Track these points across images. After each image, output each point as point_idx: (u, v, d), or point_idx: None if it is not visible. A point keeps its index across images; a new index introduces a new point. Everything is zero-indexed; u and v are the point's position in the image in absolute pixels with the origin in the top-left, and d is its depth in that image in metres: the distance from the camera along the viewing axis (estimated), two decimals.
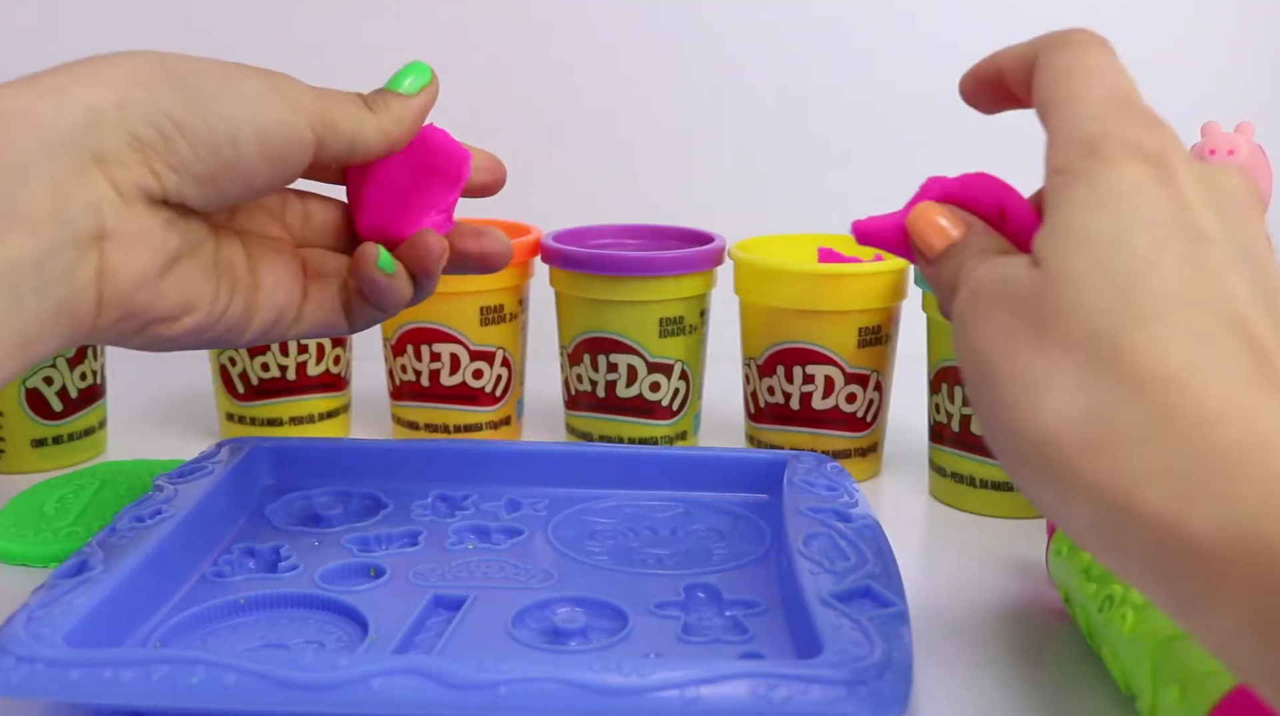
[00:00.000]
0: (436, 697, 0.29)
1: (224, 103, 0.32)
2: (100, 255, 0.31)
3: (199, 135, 0.32)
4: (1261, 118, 0.45)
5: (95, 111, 0.30)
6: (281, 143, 0.34)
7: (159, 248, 0.32)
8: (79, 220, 0.30)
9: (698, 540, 0.43)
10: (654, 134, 0.74)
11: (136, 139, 0.31)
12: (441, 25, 0.72)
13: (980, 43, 0.77)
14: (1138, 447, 0.23)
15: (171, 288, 0.33)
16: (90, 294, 0.31)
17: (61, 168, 0.30)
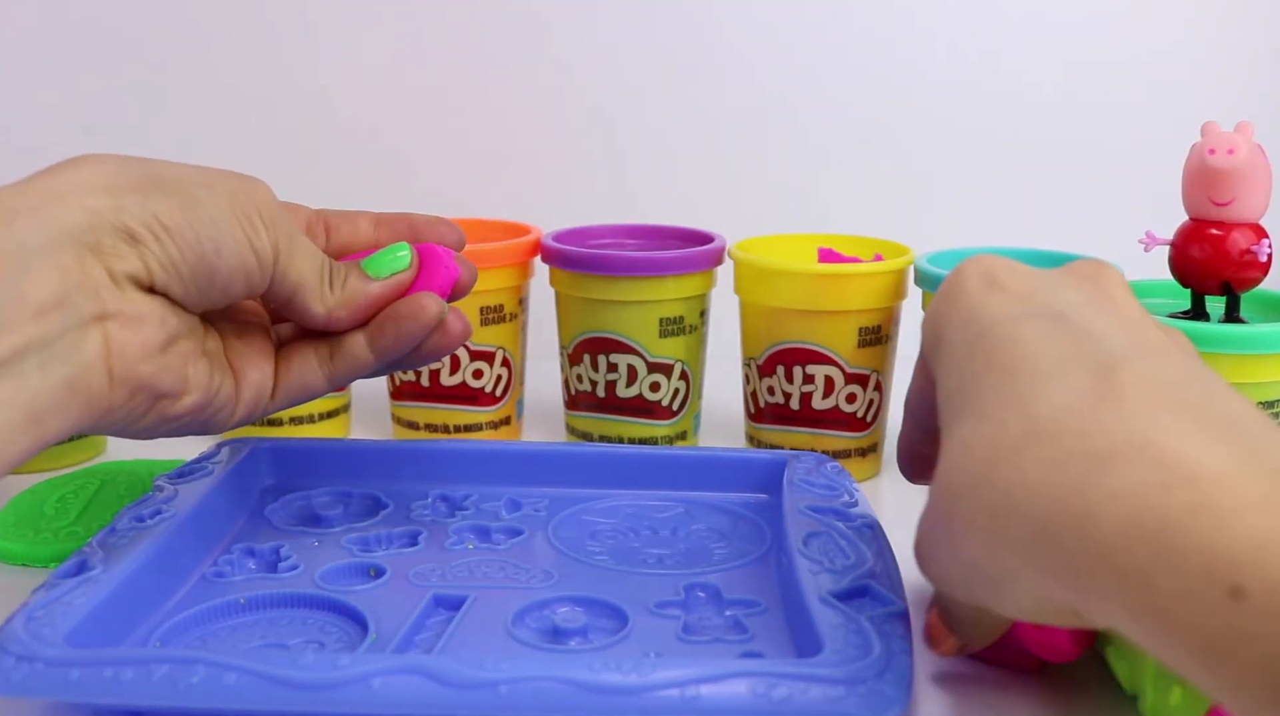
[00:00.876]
0: (436, 697, 0.29)
1: (208, 213, 0.34)
2: (104, 333, 0.33)
3: (186, 239, 0.34)
4: (1261, 118, 0.45)
5: (94, 213, 0.32)
6: (252, 262, 0.36)
7: (159, 326, 0.34)
8: (81, 304, 0.32)
9: (698, 540, 0.43)
10: (654, 134, 0.74)
11: (131, 235, 0.33)
12: (442, 25, 0.73)
13: (980, 43, 0.77)
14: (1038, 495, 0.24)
15: (174, 364, 0.35)
16: (100, 370, 0.32)
17: (63, 258, 0.32)
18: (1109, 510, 0.22)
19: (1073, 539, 0.22)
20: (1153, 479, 0.21)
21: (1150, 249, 0.45)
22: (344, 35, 0.73)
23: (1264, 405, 0.43)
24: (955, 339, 0.30)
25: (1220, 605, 0.19)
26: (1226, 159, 0.42)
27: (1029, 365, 0.26)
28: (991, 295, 0.30)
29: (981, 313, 0.29)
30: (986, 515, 0.25)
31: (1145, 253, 0.45)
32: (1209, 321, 0.44)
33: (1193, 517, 0.20)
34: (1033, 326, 0.28)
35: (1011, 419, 0.25)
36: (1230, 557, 0.19)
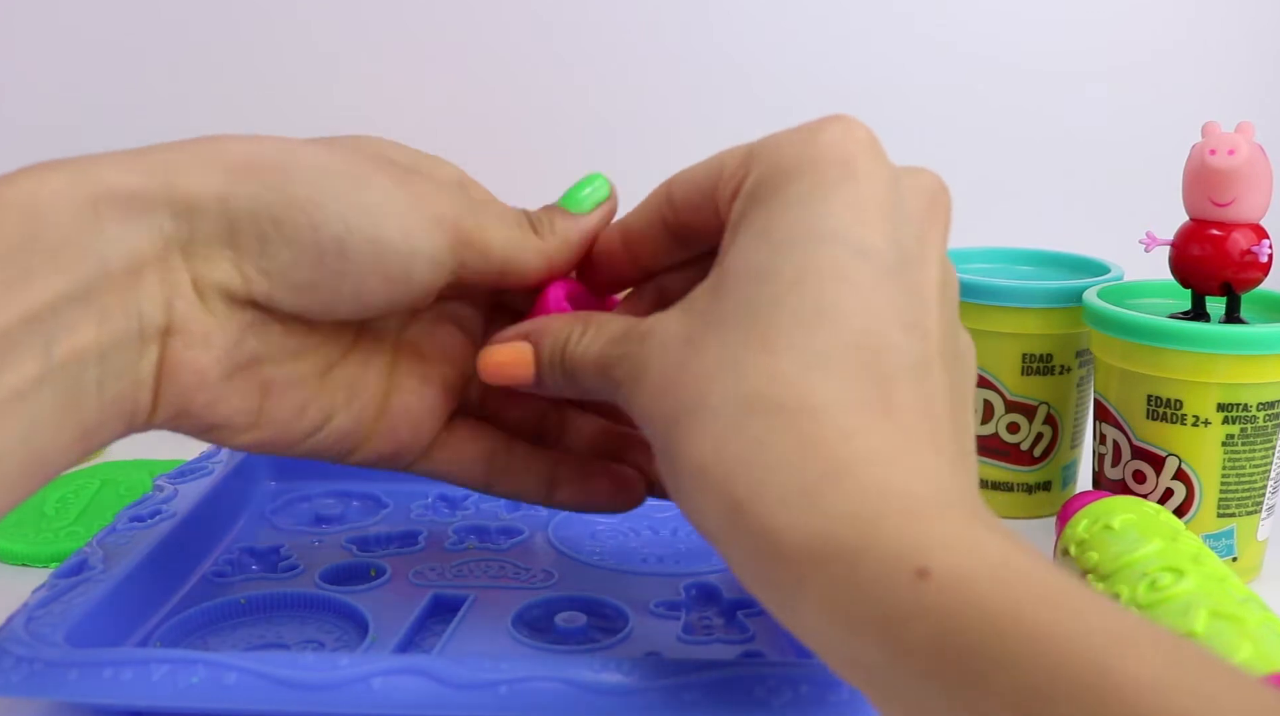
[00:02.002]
0: (436, 697, 0.29)
1: (339, 206, 0.28)
2: (161, 350, 0.28)
3: (301, 239, 0.28)
4: (1261, 118, 0.45)
5: (194, 202, 0.27)
6: (404, 260, 0.29)
7: (228, 351, 0.29)
8: (148, 312, 0.27)
9: (698, 540, 0.43)
10: (654, 134, 0.75)
11: (231, 234, 0.28)
12: (442, 24, 0.73)
13: (980, 43, 0.77)
14: (741, 471, 0.25)
15: (237, 395, 0.29)
16: (147, 390, 0.28)
17: (143, 254, 0.27)
18: (832, 506, 0.23)
19: (787, 515, 0.24)
20: (879, 485, 0.23)
21: (1150, 249, 0.45)
22: (343, 35, 0.73)
23: (1264, 405, 0.43)
24: (781, 219, 0.26)
25: (908, 583, 0.22)
26: (1227, 159, 0.42)
27: (831, 329, 0.25)
28: (841, 192, 0.26)
29: (821, 209, 0.26)
30: (708, 454, 0.25)
31: (1146, 253, 0.45)
32: (1209, 322, 0.44)
33: (899, 515, 0.23)
34: (860, 271, 0.26)
35: (789, 377, 0.25)
36: (922, 546, 0.22)
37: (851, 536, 0.23)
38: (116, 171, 0.27)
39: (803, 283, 0.26)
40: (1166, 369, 0.43)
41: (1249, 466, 0.43)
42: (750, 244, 0.27)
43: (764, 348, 0.25)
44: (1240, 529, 0.44)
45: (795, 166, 0.27)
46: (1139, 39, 0.74)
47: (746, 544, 0.24)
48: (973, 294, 0.49)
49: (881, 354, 0.25)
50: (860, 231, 0.26)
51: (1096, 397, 0.47)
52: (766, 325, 0.25)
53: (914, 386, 0.26)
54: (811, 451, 0.24)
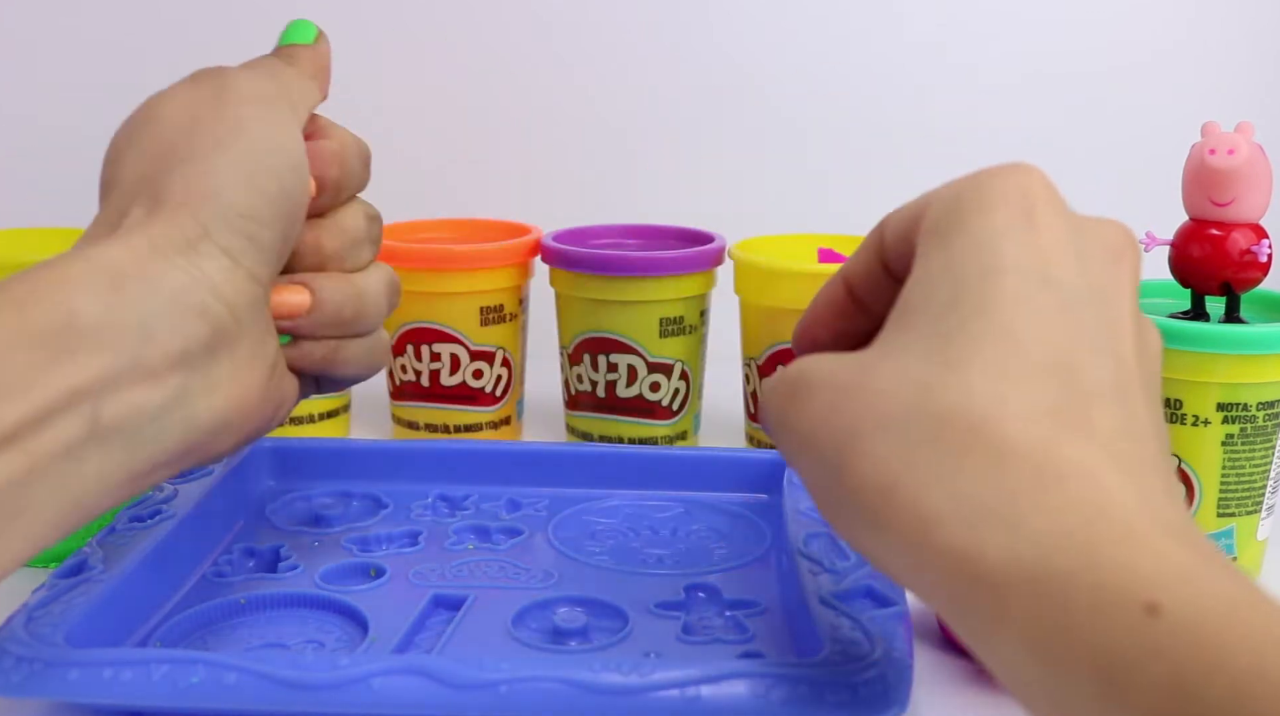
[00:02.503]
0: (436, 697, 0.29)
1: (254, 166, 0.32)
2: (223, 397, 0.30)
3: (260, 211, 0.31)
4: (1261, 118, 0.45)
5: (193, 249, 0.30)
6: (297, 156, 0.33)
7: (263, 374, 0.31)
8: (201, 368, 0.29)
9: (698, 540, 0.43)
10: (654, 134, 0.75)
11: (229, 250, 0.30)
12: (442, 24, 0.73)
13: (980, 44, 0.77)
14: (934, 485, 0.23)
15: (266, 405, 0.32)
16: (208, 433, 0.30)
17: (183, 316, 0.29)
18: (1040, 520, 0.22)
19: (985, 534, 0.22)
20: (1092, 505, 0.22)
21: (1150, 249, 0.45)
22: (343, 35, 0.73)
23: (1264, 405, 0.43)
24: (965, 255, 0.26)
25: (1136, 619, 0.20)
26: (1226, 159, 0.42)
27: (1021, 349, 0.24)
28: (1022, 233, 0.26)
29: (1002, 246, 0.26)
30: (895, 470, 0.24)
31: (1145, 252, 0.45)
32: (1209, 321, 0.44)
33: (1120, 543, 0.21)
34: (1045, 300, 0.25)
35: (979, 391, 0.24)
36: (1152, 578, 0.20)
37: (1064, 560, 0.21)
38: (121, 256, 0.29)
39: (988, 310, 0.25)
40: (1166, 368, 0.43)
41: (1249, 466, 0.43)
42: (933, 277, 0.27)
43: (952, 366, 0.24)
44: (1240, 528, 0.44)
45: (976, 206, 0.27)
46: (1138, 39, 0.74)
47: (940, 565, 0.23)
48: None
49: (1076, 374, 0.24)
50: (1043, 264, 0.26)
51: None
52: (955, 347, 0.25)
53: (1114, 408, 0.24)
54: (1013, 464, 0.23)
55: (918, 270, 0.27)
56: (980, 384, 0.24)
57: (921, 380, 0.24)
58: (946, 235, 0.27)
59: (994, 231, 0.26)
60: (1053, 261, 0.26)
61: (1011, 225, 0.26)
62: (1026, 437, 0.23)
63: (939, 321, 0.25)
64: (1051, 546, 0.21)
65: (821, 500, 0.26)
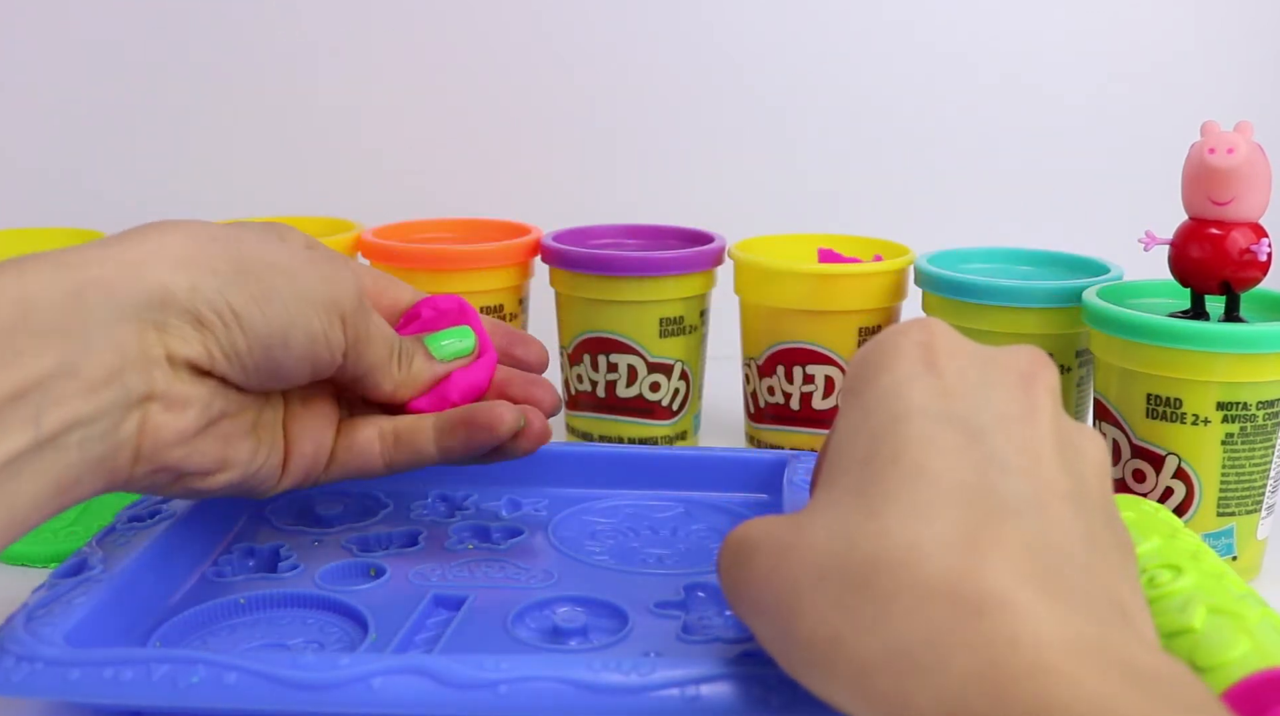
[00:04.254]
0: (436, 697, 0.29)
1: (284, 303, 0.33)
2: (144, 414, 0.32)
3: (255, 330, 0.33)
4: (1261, 118, 0.45)
5: (167, 291, 0.31)
6: (323, 351, 0.35)
7: (202, 411, 0.33)
8: (132, 384, 0.31)
9: (698, 540, 0.43)
10: (655, 134, 0.75)
11: (199, 320, 0.32)
12: (442, 24, 0.73)
13: (979, 44, 0.77)
14: (869, 633, 0.24)
15: (209, 447, 0.34)
16: (129, 449, 0.31)
17: (125, 334, 0.31)
18: (960, 659, 0.22)
19: (912, 682, 0.23)
20: (1004, 635, 0.22)
21: (1150, 248, 0.45)
22: (343, 36, 0.73)
23: (1263, 404, 0.43)
24: (872, 407, 0.29)
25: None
26: (1226, 158, 0.42)
27: (930, 484, 0.26)
28: (924, 379, 0.29)
29: (907, 394, 0.28)
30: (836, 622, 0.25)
31: (1145, 252, 0.45)
32: (1209, 321, 0.44)
33: (1032, 677, 0.21)
34: (949, 435, 0.27)
35: (895, 532, 0.25)
36: (1063, 713, 0.20)
37: (982, 702, 0.21)
38: (96, 266, 0.30)
39: (899, 454, 0.27)
40: (1166, 368, 0.43)
41: (1248, 465, 0.43)
42: (847, 436, 0.29)
43: (873, 513, 0.26)
44: (1240, 528, 0.44)
45: (880, 363, 0.30)
46: (1138, 39, 0.74)
47: (880, 713, 0.23)
48: (972, 294, 0.49)
49: (986, 496, 0.25)
50: (944, 404, 0.28)
51: (1096, 397, 0.47)
52: (872, 494, 0.26)
53: (1030, 521, 0.25)
54: (933, 603, 0.23)
55: (839, 425, 0.30)
56: (896, 526, 0.25)
57: (847, 531, 0.26)
58: (859, 392, 0.30)
59: (898, 382, 0.29)
60: (955, 399, 0.28)
61: (913, 374, 0.29)
62: (942, 571, 0.24)
63: (860, 472, 0.27)
64: (969, 690, 0.22)
65: (775, 653, 0.27)
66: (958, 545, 0.24)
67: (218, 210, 0.65)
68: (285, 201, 0.70)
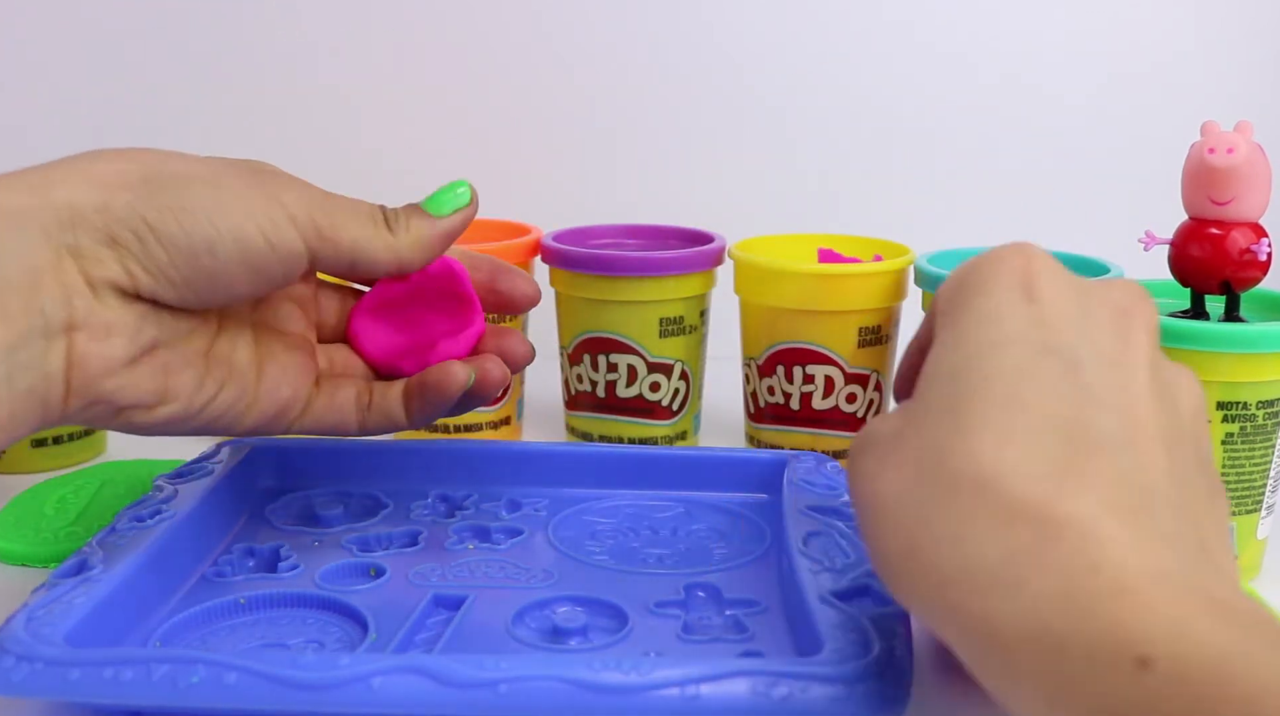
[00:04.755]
0: (436, 696, 0.29)
1: (205, 211, 0.32)
2: (69, 344, 0.31)
3: (175, 242, 0.32)
4: (1261, 118, 0.45)
5: (75, 210, 0.31)
6: (265, 253, 0.33)
7: (130, 339, 0.32)
8: (50, 311, 0.30)
9: (698, 540, 0.43)
10: (655, 134, 0.75)
11: (112, 239, 0.31)
12: (442, 24, 0.73)
13: (979, 44, 0.77)
14: (947, 548, 0.25)
15: (144, 377, 0.33)
16: (59, 381, 0.31)
17: (37, 260, 0.30)
18: (1038, 579, 0.23)
19: (990, 599, 0.23)
20: (1086, 560, 0.23)
21: (1150, 248, 0.45)
22: (343, 35, 0.73)
23: (1263, 404, 0.43)
24: (970, 331, 0.28)
25: (1127, 674, 0.21)
26: (1226, 158, 0.42)
27: (1024, 412, 0.26)
28: (1022, 306, 0.28)
29: (1006, 321, 0.28)
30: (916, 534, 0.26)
31: (1145, 252, 0.45)
32: (1209, 321, 0.44)
33: (1112, 598, 0.22)
34: (1047, 367, 0.27)
35: (985, 454, 0.25)
36: (1141, 632, 0.21)
37: (1061, 620, 0.22)
38: (6, 192, 0.30)
39: (991, 379, 0.27)
40: None
41: (1248, 465, 0.43)
42: (943, 354, 0.29)
43: (959, 431, 0.26)
44: (1240, 528, 0.44)
45: (977, 287, 0.29)
46: (1138, 39, 0.74)
47: (956, 624, 0.24)
48: None
49: (1078, 430, 0.25)
50: (1041, 334, 0.27)
51: None
52: (963, 414, 0.26)
53: (1118, 458, 0.25)
54: (1015, 525, 0.24)
55: (935, 345, 0.30)
56: (983, 448, 0.25)
57: (935, 446, 0.26)
58: (954, 315, 0.29)
59: (995, 308, 0.28)
60: (1053, 330, 0.28)
61: (1011, 301, 0.28)
62: (1027, 496, 0.24)
63: (950, 391, 0.27)
64: (1050, 607, 0.22)
65: (869, 552, 0.28)
66: (1044, 473, 0.24)
67: None
68: None
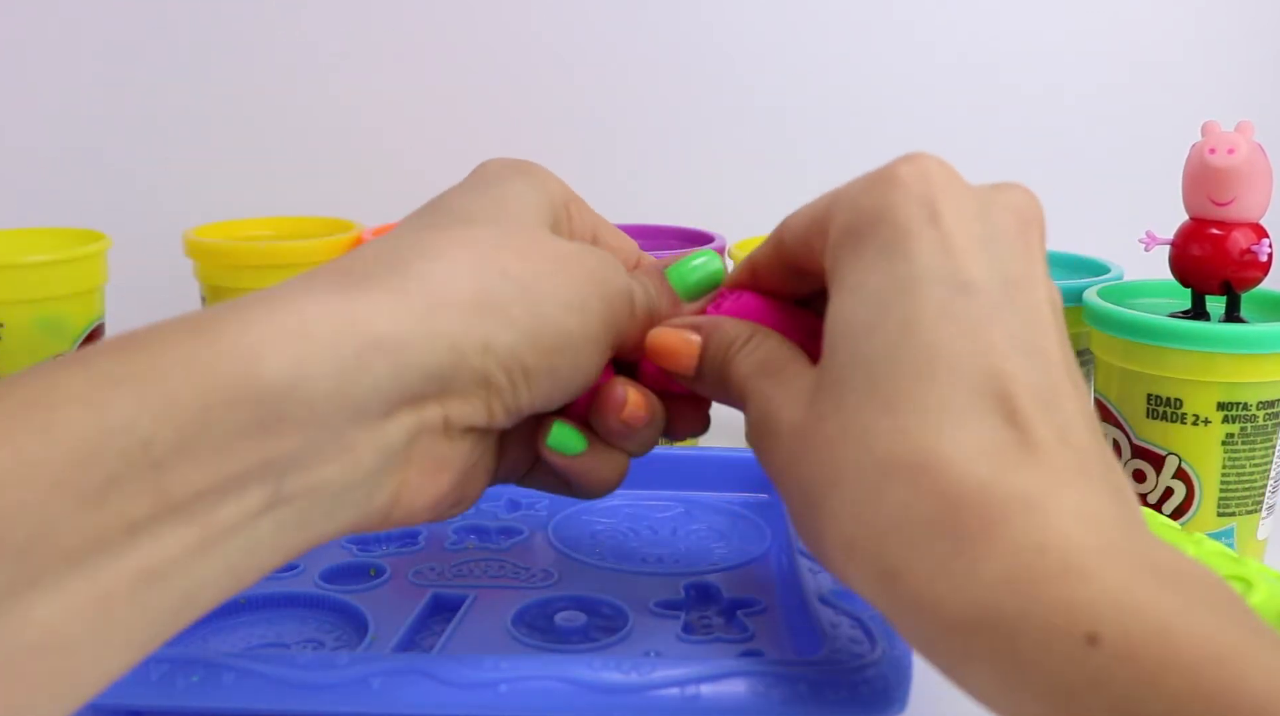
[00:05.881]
0: (436, 696, 0.29)
1: (576, 351, 0.29)
2: (401, 481, 0.27)
3: (542, 387, 0.29)
4: (1261, 118, 0.45)
5: (460, 353, 0.26)
6: (607, 310, 0.30)
7: (459, 468, 0.29)
8: (395, 449, 0.26)
9: (698, 540, 0.43)
10: (654, 134, 0.75)
11: (489, 382, 0.27)
12: (442, 24, 0.73)
13: (979, 44, 0.77)
14: (891, 536, 0.24)
15: (453, 495, 0.30)
16: (377, 516, 0.27)
17: (406, 399, 0.26)
18: (988, 564, 0.22)
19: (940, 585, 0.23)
20: (1032, 540, 0.22)
21: (1150, 249, 0.45)
22: (343, 36, 0.73)
23: (1264, 404, 0.43)
24: (873, 265, 0.26)
25: (1077, 651, 0.20)
26: (1226, 159, 0.42)
27: (950, 373, 0.24)
28: (927, 232, 0.26)
29: (913, 252, 0.25)
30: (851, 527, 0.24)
31: (1145, 252, 0.45)
32: (1209, 321, 0.44)
33: (1060, 577, 0.21)
34: (964, 308, 0.25)
35: (916, 434, 0.24)
36: (1089, 609, 0.21)
37: (1011, 603, 0.22)
38: (384, 318, 0.25)
39: (910, 330, 0.25)
40: (1166, 368, 0.43)
41: (1249, 465, 0.43)
42: (848, 300, 0.26)
43: (886, 408, 0.24)
44: (1240, 528, 0.44)
45: (875, 214, 0.26)
46: (1139, 39, 0.74)
47: (907, 615, 0.24)
48: None
49: (1007, 388, 0.24)
50: (955, 266, 0.25)
51: (1096, 397, 0.47)
52: (884, 383, 0.25)
53: (1048, 417, 0.24)
54: (956, 510, 0.23)
55: (837, 290, 0.27)
56: (915, 427, 0.24)
57: (863, 428, 0.25)
58: (852, 247, 0.27)
59: (898, 236, 0.26)
60: (964, 259, 0.25)
61: (915, 225, 0.26)
62: (968, 478, 0.23)
63: (864, 349, 0.25)
64: (1001, 592, 0.22)
65: (806, 543, 0.27)
66: (981, 452, 0.23)
67: (219, 210, 0.65)
68: (285, 201, 0.70)
